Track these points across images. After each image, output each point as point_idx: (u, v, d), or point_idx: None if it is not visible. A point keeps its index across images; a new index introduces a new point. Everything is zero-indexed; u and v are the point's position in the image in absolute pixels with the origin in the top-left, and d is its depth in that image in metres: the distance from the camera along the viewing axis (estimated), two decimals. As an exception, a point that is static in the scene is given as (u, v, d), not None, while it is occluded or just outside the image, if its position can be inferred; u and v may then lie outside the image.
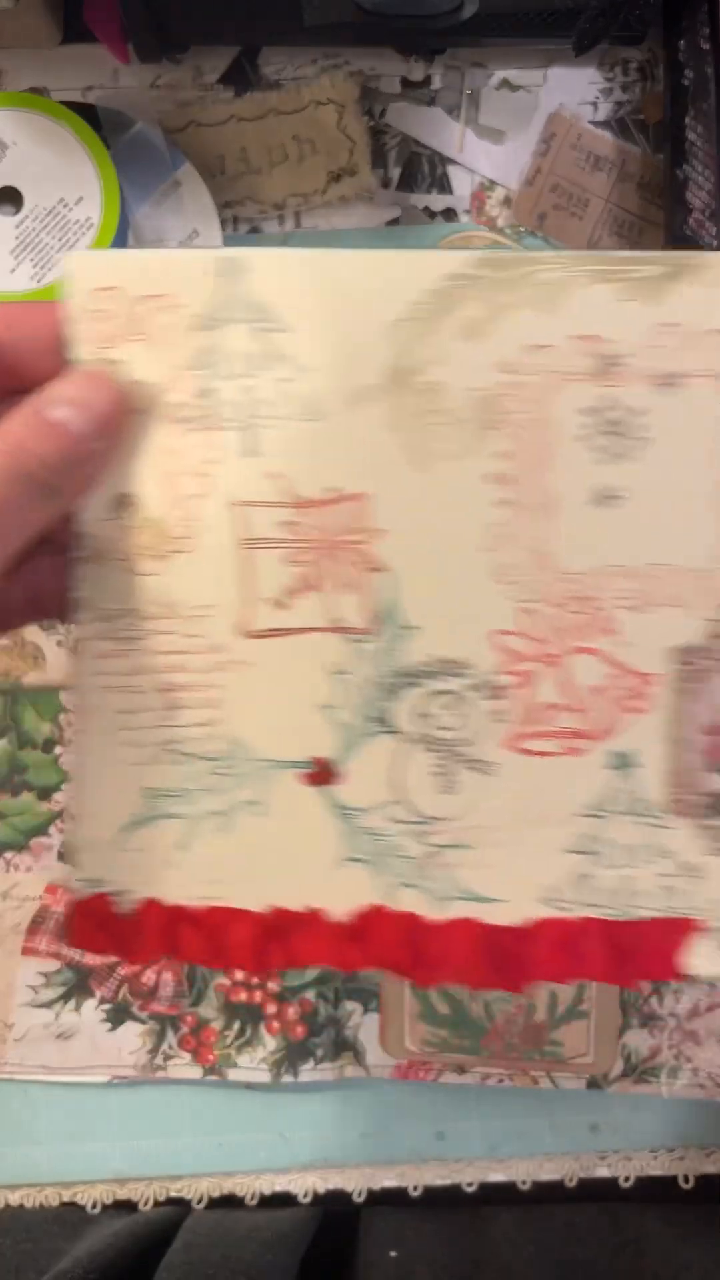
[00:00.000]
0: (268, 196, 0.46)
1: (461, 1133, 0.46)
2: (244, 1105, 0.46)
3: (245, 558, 0.27)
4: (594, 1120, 0.46)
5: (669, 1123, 0.46)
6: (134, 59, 0.45)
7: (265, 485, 0.27)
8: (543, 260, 0.26)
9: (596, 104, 0.47)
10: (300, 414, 0.26)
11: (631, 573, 0.26)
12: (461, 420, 0.26)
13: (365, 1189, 0.46)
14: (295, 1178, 0.46)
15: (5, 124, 0.42)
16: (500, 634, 0.27)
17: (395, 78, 0.47)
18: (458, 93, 0.47)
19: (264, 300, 0.26)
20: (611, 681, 0.27)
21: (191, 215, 0.45)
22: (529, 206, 0.47)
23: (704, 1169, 0.46)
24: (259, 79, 0.47)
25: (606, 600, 0.27)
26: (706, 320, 0.26)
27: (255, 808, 0.27)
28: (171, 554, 0.27)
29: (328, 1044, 0.46)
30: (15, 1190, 0.46)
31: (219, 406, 0.26)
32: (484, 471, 0.26)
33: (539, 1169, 0.46)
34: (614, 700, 0.27)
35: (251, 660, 0.27)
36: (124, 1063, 0.46)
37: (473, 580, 0.27)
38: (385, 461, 0.26)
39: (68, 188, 0.42)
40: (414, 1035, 0.45)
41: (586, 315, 0.26)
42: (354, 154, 0.46)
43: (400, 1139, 0.46)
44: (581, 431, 0.26)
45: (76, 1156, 0.46)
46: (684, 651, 0.27)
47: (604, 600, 0.27)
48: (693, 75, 0.43)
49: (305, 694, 0.27)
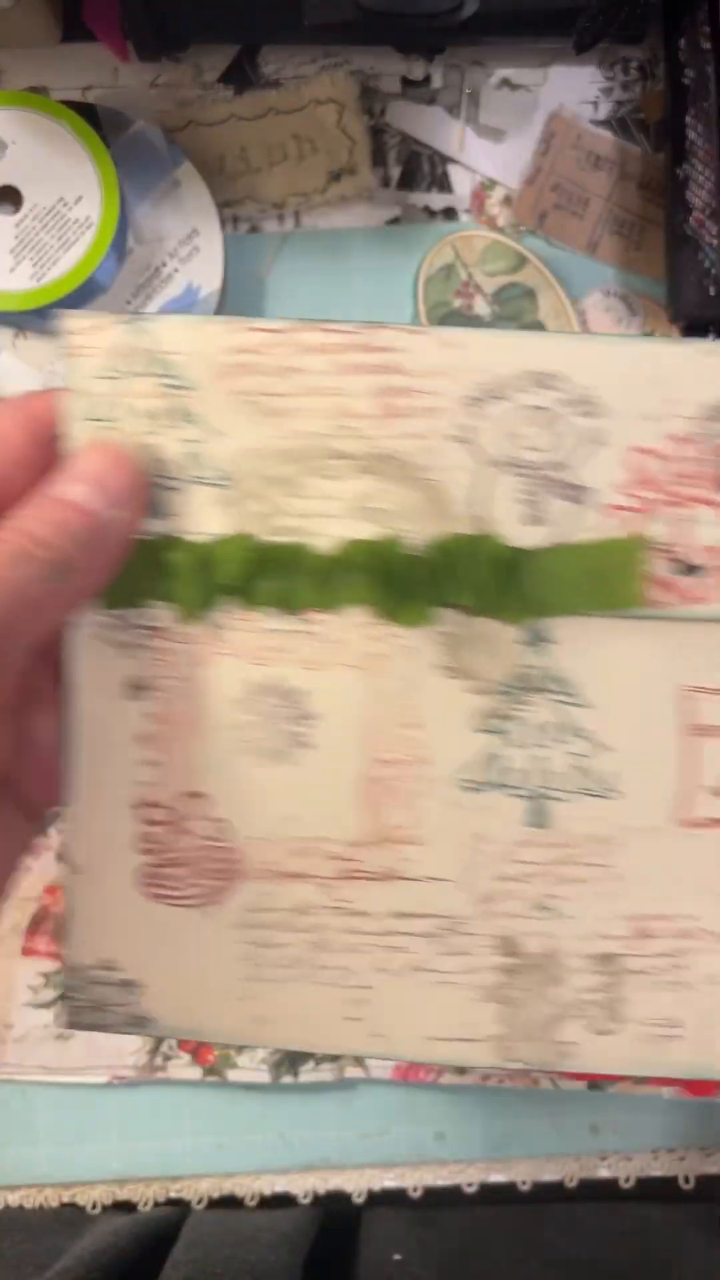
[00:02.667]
0: (267, 195, 0.46)
1: (461, 1133, 0.46)
2: (244, 1105, 0.46)
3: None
4: (594, 1121, 0.46)
5: (669, 1123, 0.46)
6: (134, 58, 0.45)
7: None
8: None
9: (597, 103, 0.47)
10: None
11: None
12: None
13: (365, 1189, 0.46)
14: (295, 1178, 0.46)
15: (5, 123, 0.42)
16: None
17: (395, 77, 0.47)
18: (458, 92, 0.47)
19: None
20: None
21: (191, 214, 0.45)
22: (529, 205, 0.47)
23: (704, 1169, 0.46)
24: (259, 78, 0.47)
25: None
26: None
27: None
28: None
29: (328, 1044, 0.46)
30: (15, 1191, 0.46)
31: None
32: None
33: (539, 1170, 0.46)
34: None
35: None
36: (124, 1063, 0.46)
37: None
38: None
39: (67, 187, 0.42)
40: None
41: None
42: (354, 153, 0.46)
43: (400, 1139, 0.46)
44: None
45: (76, 1157, 0.46)
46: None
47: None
48: (693, 74, 0.43)
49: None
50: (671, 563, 0.26)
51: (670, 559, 0.26)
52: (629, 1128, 0.46)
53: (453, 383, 0.26)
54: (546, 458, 0.26)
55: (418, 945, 0.27)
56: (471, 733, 0.27)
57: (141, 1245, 0.41)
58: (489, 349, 0.26)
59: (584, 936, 0.27)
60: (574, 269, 0.47)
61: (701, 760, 0.27)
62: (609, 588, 0.26)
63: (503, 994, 0.27)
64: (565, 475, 0.26)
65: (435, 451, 0.26)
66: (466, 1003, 0.27)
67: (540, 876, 0.27)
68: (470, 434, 0.26)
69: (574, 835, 0.27)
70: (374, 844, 0.27)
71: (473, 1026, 0.27)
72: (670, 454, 0.26)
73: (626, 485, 0.26)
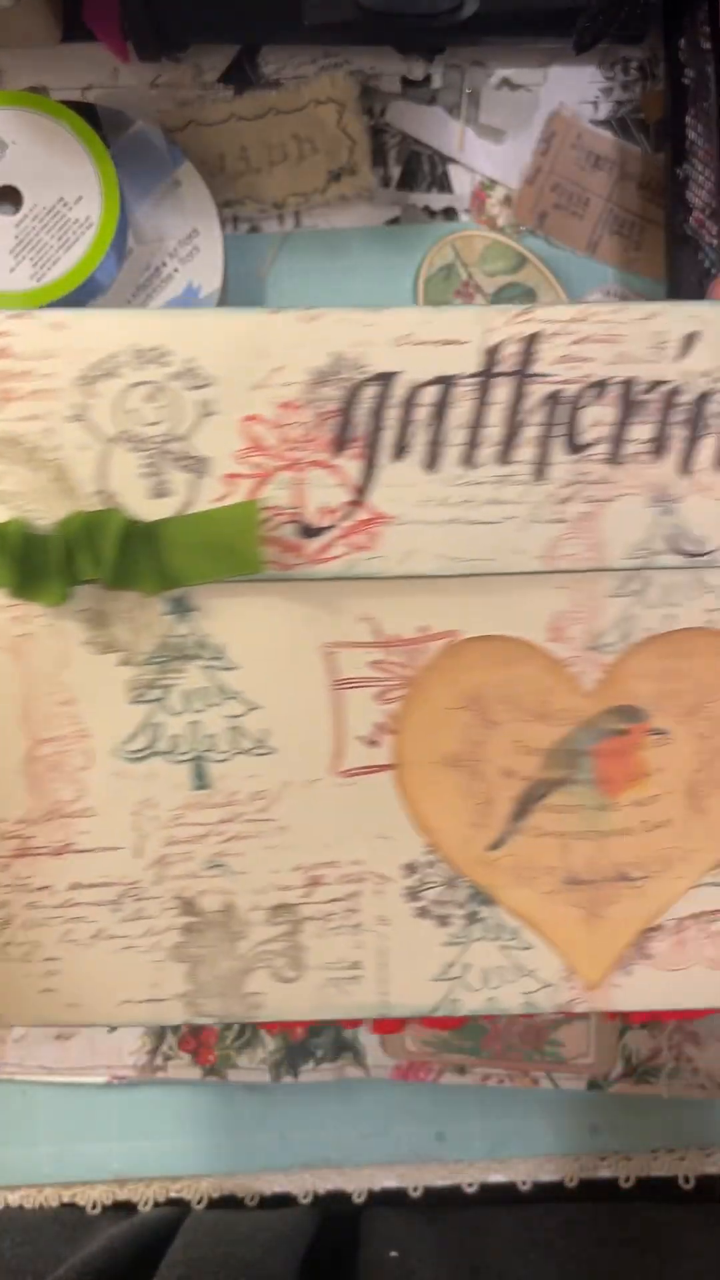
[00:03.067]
0: (268, 195, 0.46)
1: (461, 1133, 0.46)
2: (244, 1105, 0.46)
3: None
4: (594, 1121, 0.46)
5: (669, 1123, 0.46)
6: (133, 58, 0.45)
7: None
8: None
9: (597, 103, 0.47)
10: None
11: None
12: None
13: (365, 1189, 0.46)
14: (295, 1178, 0.46)
15: (5, 123, 0.42)
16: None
17: (395, 77, 0.47)
18: (458, 92, 0.47)
19: None
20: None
21: (191, 214, 0.45)
22: (529, 205, 0.47)
23: (704, 1169, 0.46)
24: (259, 78, 0.47)
25: None
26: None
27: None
28: None
29: (327, 1044, 0.46)
30: (15, 1190, 0.46)
31: None
32: None
33: (539, 1169, 0.46)
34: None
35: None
36: (124, 1063, 0.46)
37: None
38: None
39: (67, 187, 0.42)
40: (414, 1036, 0.45)
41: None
42: (354, 153, 0.46)
43: (400, 1139, 0.46)
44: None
45: (76, 1156, 0.46)
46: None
47: None
48: (693, 74, 0.43)
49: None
50: (294, 525, 0.27)
51: (291, 521, 0.27)
52: (629, 1128, 0.46)
53: (64, 363, 0.27)
54: (162, 430, 0.27)
55: (99, 914, 0.28)
56: (128, 704, 0.28)
57: (138, 1248, 0.41)
58: (95, 328, 0.27)
59: (259, 890, 0.29)
60: (574, 269, 0.47)
61: (347, 712, 0.28)
62: (232, 554, 0.26)
63: (187, 952, 0.29)
64: (182, 447, 0.27)
65: (55, 432, 0.27)
66: (152, 964, 0.29)
67: (210, 836, 0.28)
68: (86, 412, 0.27)
69: (237, 794, 0.28)
70: (44, 820, 0.28)
71: (161, 986, 0.29)
72: (282, 420, 0.27)
73: (242, 453, 0.27)
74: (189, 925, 0.29)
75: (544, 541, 0.27)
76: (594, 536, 0.27)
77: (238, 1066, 0.46)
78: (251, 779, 0.28)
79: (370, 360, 0.26)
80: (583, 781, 0.29)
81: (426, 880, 0.29)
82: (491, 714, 0.28)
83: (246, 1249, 0.40)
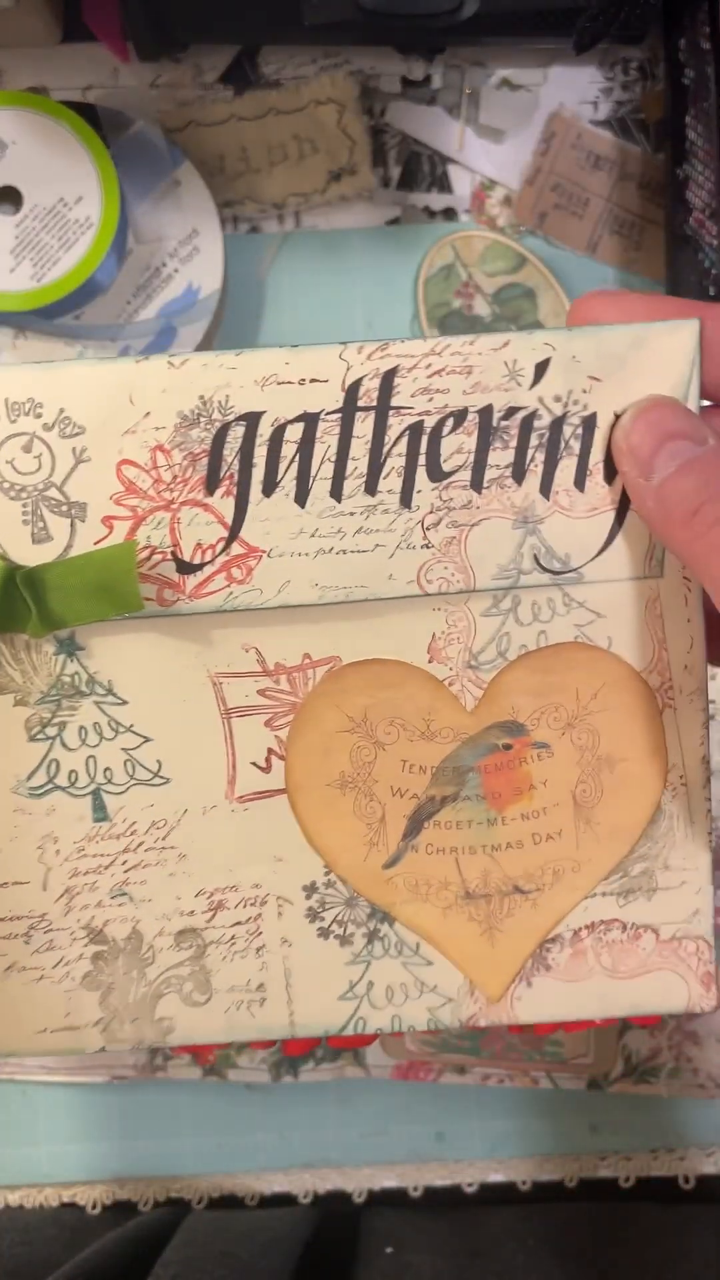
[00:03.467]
0: (268, 195, 0.46)
1: (461, 1133, 0.46)
2: (244, 1105, 0.46)
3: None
4: (594, 1120, 0.46)
5: (669, 1123, 0.46)
6: (134, 58, 0.45)
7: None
8: None
9: (597, 103, 0.47)
10: None
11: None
12: None
13: (365, 1189, 0.46)
14: (295, 1178, 0.46)
15: (5, 123, 0.42)
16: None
17: (395, 77, 0.47)
18: (458, 92, 0.47)
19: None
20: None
21: (191, 214, 0.45)
22: (529, 206, 0.47)
23: (704, 1169, 0.46)
24: (259, 78, 0.47)
25: None
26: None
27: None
28: None
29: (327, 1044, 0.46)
30: (15, 1190, 0.46)
31: None
32: None
33: (539, 1169, 0.46)
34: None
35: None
36: (124, 1063, 0.46)
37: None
38: None
39: (67, 187, 0.42)
40: (414, 1035, 0.45)
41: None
42: (354, 153, 0.46)
43: (400, 1139, 0.46)
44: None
45: (76, 1156, 0.46)
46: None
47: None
48: (693, 74, 0.43)
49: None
50: (172, 562, 0.28)
51: (169, 560, 0.28)
52: (629, 1128, 0.46)
53: None
54: (39, 479, 0.28)
55: (11, 947, 0.29)
56: (27, 742, 0.29)
57: (133, 1248, 0.41)
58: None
59: (164, 916, 0.29)
60: (574, 269, 0.47)
61: (238, 739, 0.29)
62: (112, 593, 0.27)
63: (98, 980, 0.29)
64: (59, 494, 0.28)
65: None
66: (64, 994, 0.29)
67: (113, 866, 0.29)
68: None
69: (137, 824, 0.29)
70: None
71: (75, 1015, 0.29)
72: (155, 464, 0.28)
73: (118, 497, 0.28)
74: (98, 954, 0.30)
75: (414, 567, 0.28)
76: (462, 559, 0.28)
77: (238, 1066, 0.46)
78: (150, 809, 0.29)
79: (236, 401, 0.27)
80: (471, 797, 0.30)
81: (327, 901, 0.30)
82: (378, 735, 0.29)
83: (242, 1248, 0.40)
